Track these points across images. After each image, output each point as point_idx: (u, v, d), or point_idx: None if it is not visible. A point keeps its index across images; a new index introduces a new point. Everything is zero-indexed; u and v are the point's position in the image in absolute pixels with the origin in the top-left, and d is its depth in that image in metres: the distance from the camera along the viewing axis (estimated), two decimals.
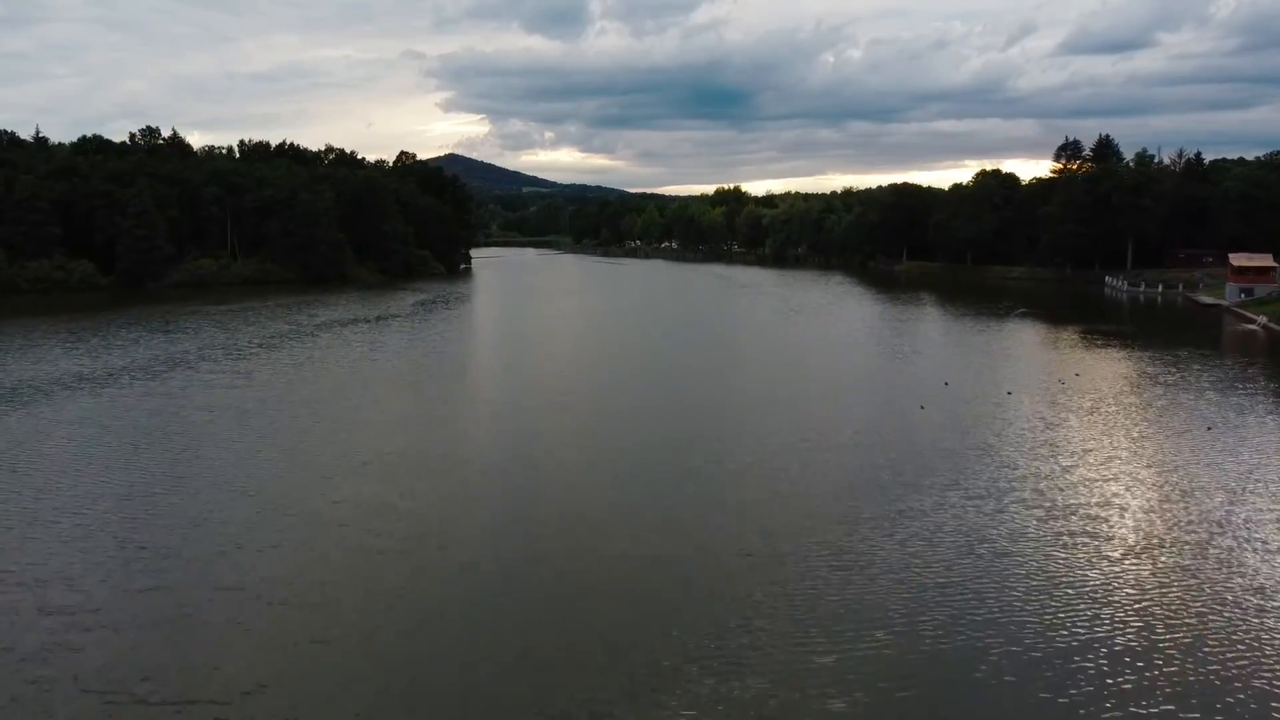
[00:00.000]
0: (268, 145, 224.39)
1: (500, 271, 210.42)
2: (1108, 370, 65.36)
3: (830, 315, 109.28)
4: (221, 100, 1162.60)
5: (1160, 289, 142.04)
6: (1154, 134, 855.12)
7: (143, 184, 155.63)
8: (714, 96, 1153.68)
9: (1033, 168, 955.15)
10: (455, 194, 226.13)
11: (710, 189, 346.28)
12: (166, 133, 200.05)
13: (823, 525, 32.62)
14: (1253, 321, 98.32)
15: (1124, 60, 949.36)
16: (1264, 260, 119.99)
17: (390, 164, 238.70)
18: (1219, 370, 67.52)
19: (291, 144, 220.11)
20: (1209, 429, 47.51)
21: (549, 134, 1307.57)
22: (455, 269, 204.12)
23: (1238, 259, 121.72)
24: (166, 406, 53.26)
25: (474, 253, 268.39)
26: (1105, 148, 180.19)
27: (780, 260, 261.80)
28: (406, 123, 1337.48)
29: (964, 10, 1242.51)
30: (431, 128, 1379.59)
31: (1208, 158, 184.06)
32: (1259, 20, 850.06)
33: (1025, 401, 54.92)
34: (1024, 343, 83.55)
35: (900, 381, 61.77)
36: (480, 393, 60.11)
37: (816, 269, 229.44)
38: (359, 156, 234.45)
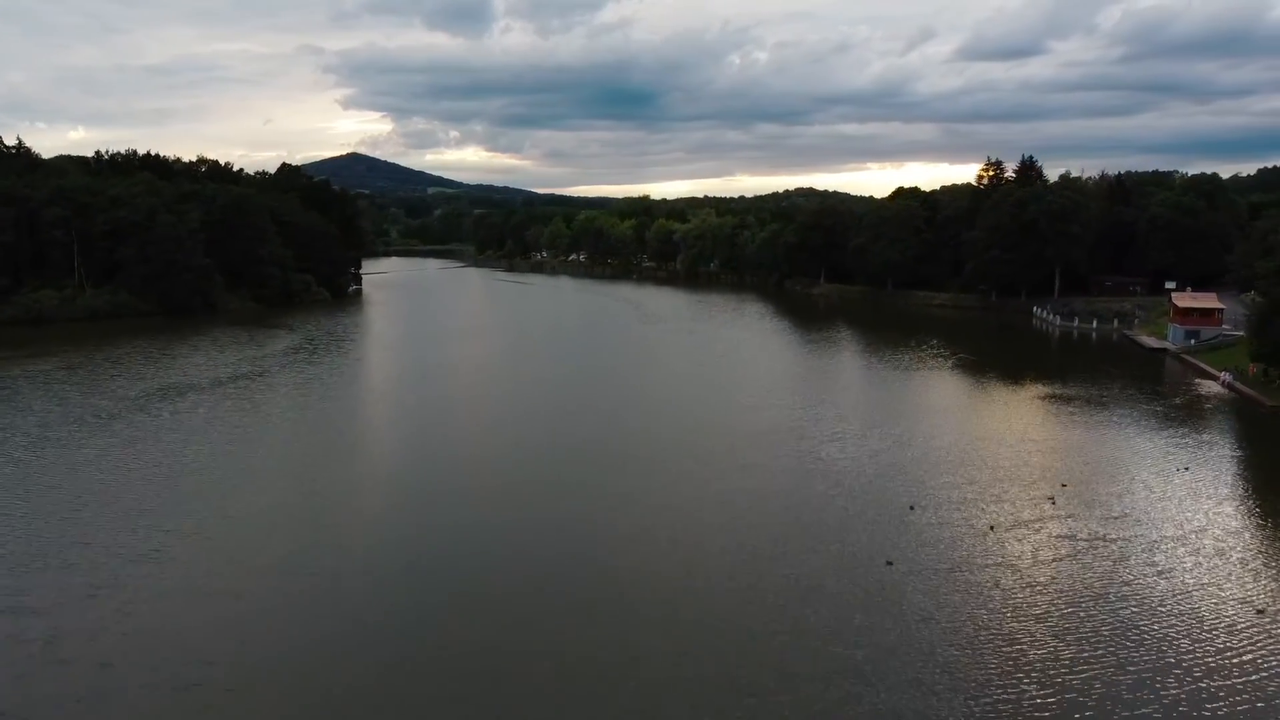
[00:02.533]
0: (133, 155, 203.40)
1: (393, 296, 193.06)
2: (1099, 480, 54.17)
3: (753, 369, 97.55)
4: (110, 94, 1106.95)
5: (1094, 324, 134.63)
6: (1046, 139, 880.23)
7: None
8: (621, 97, 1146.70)
9: (932, 170, 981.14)
10: (343, 209, 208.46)
11: (619, 190, 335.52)
12: (67, 133, 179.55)
13: None
14: (1215, 377, 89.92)
15: (1017, 66, 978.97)
16: (1208, 301, 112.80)
17: (284, 171, 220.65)
18: (1218, 466, 57.67)
19: (156, 154, 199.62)
20: (1259, 612, 36.31)
21: (454, 133, 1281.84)
22: (343, 292, 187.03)
23: (1181, 299, 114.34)
24: None
25: (371, 264, 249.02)
26: (1029, 169, 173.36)
27: (692, 277, 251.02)
28: (306, 120, 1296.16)
29: (869, 15, 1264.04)
30: (332, 125, 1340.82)
31: (1101, 165, 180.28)
32: (1142, 31, 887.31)
33: (1020, 548, 43.14)
34: (979, 417, 72.66)
35: (854, 503, 49.45)
36: (317, 555, 45.54)
37: (730, 288, 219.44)
38: (236, 169, 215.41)
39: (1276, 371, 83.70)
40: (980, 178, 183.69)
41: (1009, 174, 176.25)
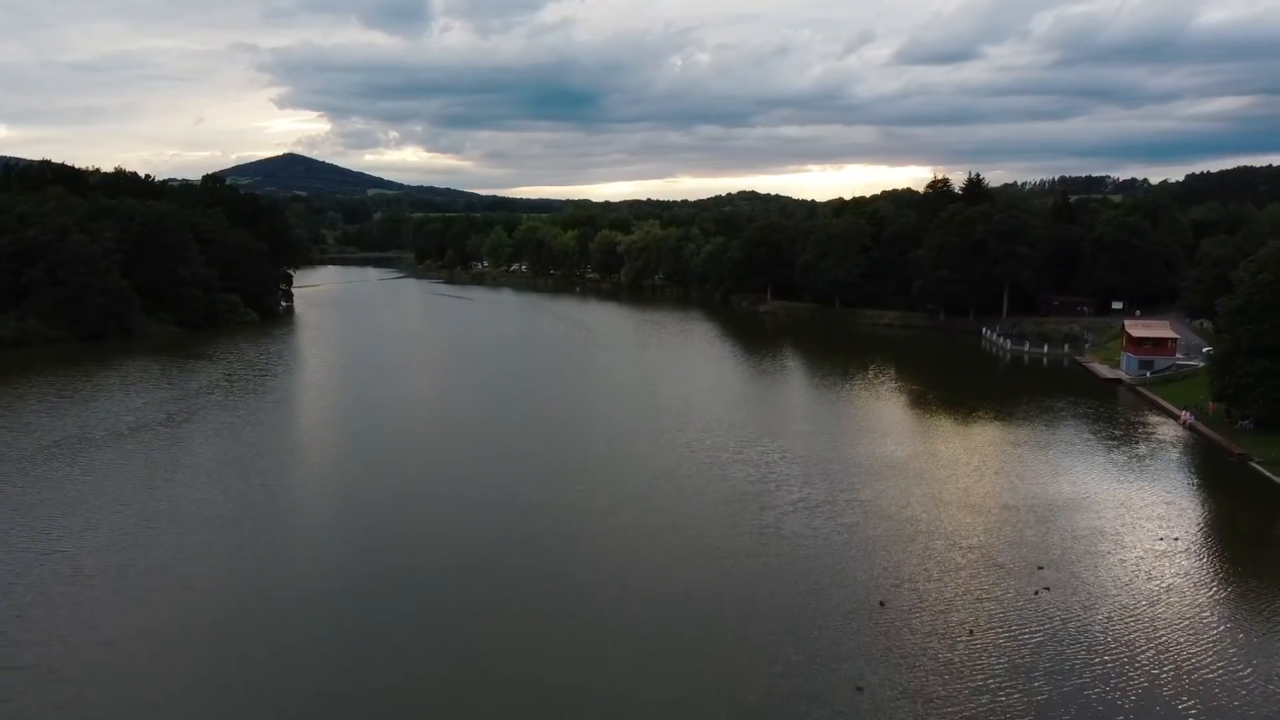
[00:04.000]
0: (47, 164, 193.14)
1: (326, 315, 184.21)
2: (1084, 560, 50.07)
3: (708, 410, 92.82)
4: (36, 91, 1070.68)
5: (1045, 348, 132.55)
6: (982, 142, 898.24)
7: None
8: (562, 98, 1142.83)
9: (872, 173, 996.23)
10: (272, 221, 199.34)
11: (561, 191, 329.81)
12: None
13: None
14: (1175, 415, 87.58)
15: (954, 70, 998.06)
16: (1162, 330, 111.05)
17: (209, 184, 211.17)
18: (1205, 533, 54.51)
19: (70, 165, 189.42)
20: None
21: (393, 133, 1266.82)
22: (273, 312, 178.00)
23: (1135, 328, 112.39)
24: None
25: (306, 274, 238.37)
26: (975, 187, 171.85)
27: (637, 290, 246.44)
28: (241, 119, 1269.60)
29: (811, 18, 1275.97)
30: (268, 125, 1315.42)
31: (1035, 168, 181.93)
32: (1073, 36, 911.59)
33: (1013, 664, 38.80)
34: (948, 475, 68.62)
35: (821, 600, 44.85)
36: None
37: (675, 303, 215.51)
38: (159, 179, 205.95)
39: (1238, 411, 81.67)
40: (927, 192, 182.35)
41: (956, 187, 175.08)
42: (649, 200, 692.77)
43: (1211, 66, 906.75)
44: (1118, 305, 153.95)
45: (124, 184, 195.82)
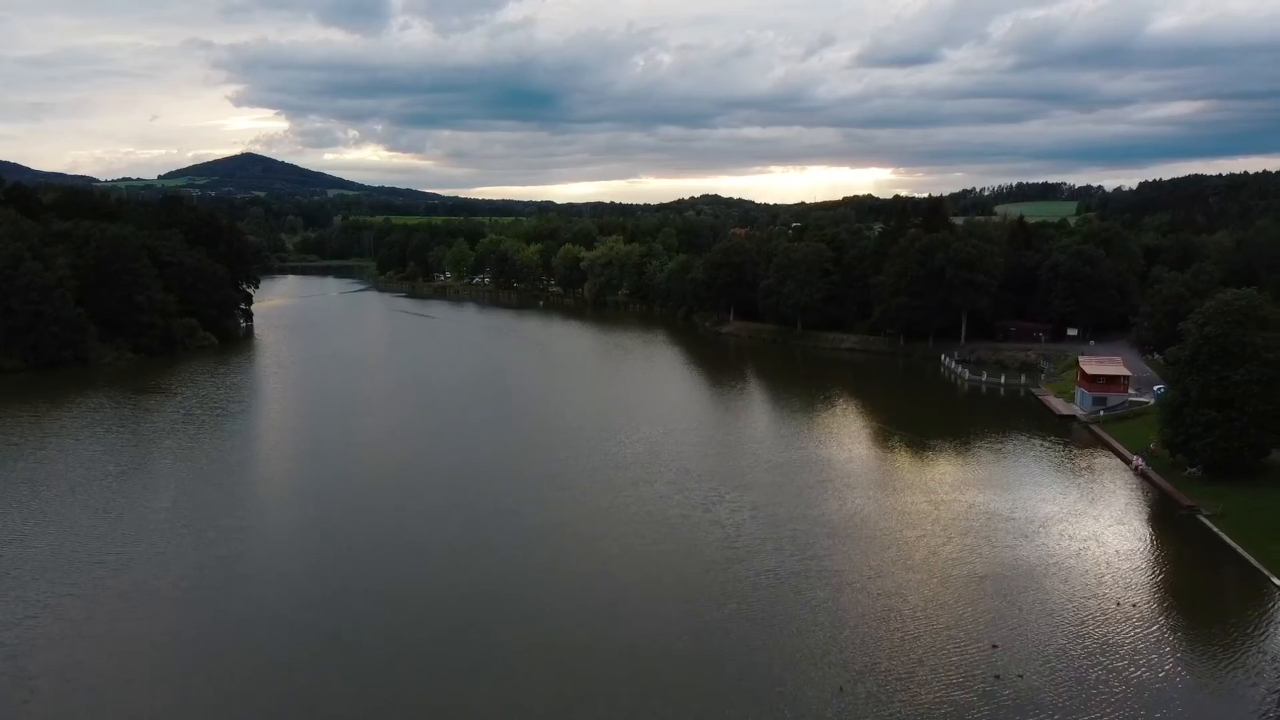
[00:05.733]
0: None
1: (287, 339, 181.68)
2: (1041, 634, 51.59)
3: (675, 452, 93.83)
4: None
5: (1002, 378, 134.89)
6: (941, 144, 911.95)
7: None
8: (524, 97, 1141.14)
9: (834, 174, 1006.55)
10: (231, 242, 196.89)
11: (524, 191, 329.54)
12: None
13: None
14: (1126, 459, 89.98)
15: (914, 73, 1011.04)
16: (1115, 367, 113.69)
17: (168, 204, 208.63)
18: (1160, 599, 56.22)
19: (21, 185, 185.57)
20: None
21: (353, 132, 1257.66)
22: (233, 335, 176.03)
23: (1089, 364, 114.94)
24: None
25: (266, 285, 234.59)
26: (935, 212, 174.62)
27: (600, 305, 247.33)
28: (197, 116, 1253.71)
29: (774, 20, 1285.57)
30: (225, 122, 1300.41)
31: (993, 170, 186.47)
32: (1031, 40, 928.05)
33: None
34: (914, 534, 70.09)
35: (779, 681, 45.84)
36: None
37: (638, 321, 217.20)
38: (114, 196, 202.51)
39: (1185, 459, 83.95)
40: (891, 200, 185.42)
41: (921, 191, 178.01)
42: (612, 203, 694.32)
43: (1165, 71, 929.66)
44: (1073, 332, 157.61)
45: (79, 203, 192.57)
